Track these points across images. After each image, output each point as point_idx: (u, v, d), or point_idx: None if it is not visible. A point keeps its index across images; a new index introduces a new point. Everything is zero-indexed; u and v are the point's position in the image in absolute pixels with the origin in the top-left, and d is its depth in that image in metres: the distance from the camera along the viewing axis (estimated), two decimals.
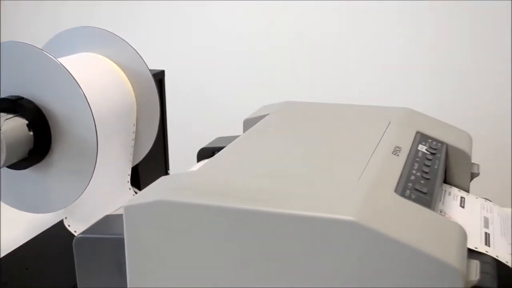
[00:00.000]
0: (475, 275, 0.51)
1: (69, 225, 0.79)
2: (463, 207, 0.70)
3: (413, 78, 1.55)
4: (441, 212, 0.66)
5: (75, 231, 0.79)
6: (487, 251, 0.61)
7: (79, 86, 0.73)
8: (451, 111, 1.49)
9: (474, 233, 0.64)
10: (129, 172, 0.88)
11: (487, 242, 0.63)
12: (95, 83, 0.82)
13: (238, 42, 1.66)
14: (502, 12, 1.45)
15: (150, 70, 0.88)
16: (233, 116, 1.07)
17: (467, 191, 0.76)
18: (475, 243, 0.62)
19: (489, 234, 0.65)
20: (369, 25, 1.55)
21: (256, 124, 0.79)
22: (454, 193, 0.73)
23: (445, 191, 0.73)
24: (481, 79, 1.51)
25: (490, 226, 0.67)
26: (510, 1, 1.44)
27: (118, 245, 0.57)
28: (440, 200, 0.70)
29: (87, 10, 1.73)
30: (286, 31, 1.61)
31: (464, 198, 0.72)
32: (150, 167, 0.95)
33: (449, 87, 1.53)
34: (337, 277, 0.50)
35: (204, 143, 0.83)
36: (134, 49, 0.87)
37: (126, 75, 0.88)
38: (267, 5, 1.60)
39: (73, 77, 0.73)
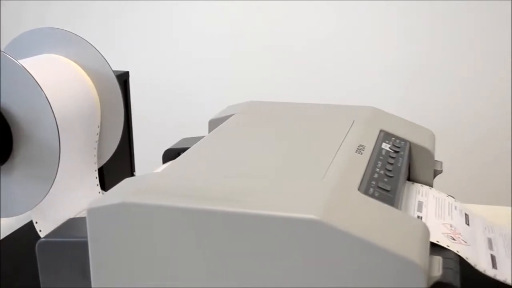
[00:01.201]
0: (437, 271, 0.52)
1: (40, 230, 0.78)
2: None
3: (376, 77, 1.56)
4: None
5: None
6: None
7: (41, 89, 0.72)
8: (414, 109, 1.51)
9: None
10: (96, 174, 0.87)
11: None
12: (58, 85, 0.81)
13: (203, 43, 1.66)
14: (466, 11, 1.47)
15: (114, 72, 0.88)
16: (198, 117, 1.07)
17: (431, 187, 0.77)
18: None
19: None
20: (334, 25, 1.56)
21: (221, 124, 0.78)
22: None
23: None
24: (445, 77, 1.53)
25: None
26: (467, 1, 1.46)
27: (81, 248, 0.56)
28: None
29: (49, 11, 1.71)
30: (251, 32, 1.61)
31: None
32: (115, 169, 0.94)
33: (412, 86, 1.55)
34: (302, 276, 0.50)
35: (171, 144, 0.83)
36: (97, 50, 0.87)
37: (90, 77, 0.87)
38: (233, 6, 1.60)
39: (35, 80, 0.72)
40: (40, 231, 0.78)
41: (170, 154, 0.80)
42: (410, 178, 0.77)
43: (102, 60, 0.87)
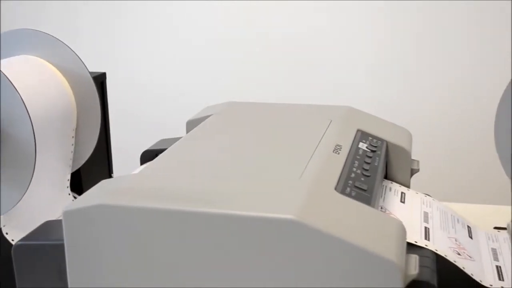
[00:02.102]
0: (414, 269, 0.52)
1: (7, 233, 0.77)
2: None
3: (354, 77, 1.57)
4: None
5: (12, 240, 0.77)
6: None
7: (17, 91, 0.72)
8: (391, 109, 1.52)
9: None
10: (69, 177, 0.86)
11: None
12: (33, 87, 0.80)
13: (180, 44, 1.65)
14: (441, 11, 1.48)
15: (91, 73, 0.87)
16: (177, 118, 1.07)
17: (408, 186, 0.77)
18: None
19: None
20: (312, 25, 1.56)
21: (199, 125, 0.78)
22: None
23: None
24: (421, 77, 1.54)
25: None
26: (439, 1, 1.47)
27: (58, 251, 0.56)
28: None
29: (29, 12, 1.69)
30: (231, 33, 1.61)
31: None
32: (93, 171, 0.94)
33: (389, 85, 1.56)
34: (280, 276, 0.50)
35: (149, 145, 0.82)
36: (73, 51, 0.86)
37: (66, 78, 0.86)
38: (211, 6, 1.60)
39: (10, 81, 0.71)
40: (6, 233, 0.77)
41: (148, 155, 0.80)
42: (387, 177, 0.77)
43: (78, 61, 0.86)
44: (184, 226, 0.52)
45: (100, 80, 0.96)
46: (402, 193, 0.74)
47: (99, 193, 0.56)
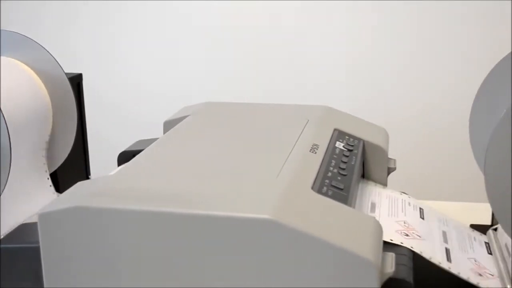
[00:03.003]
0: (390, 267, 0.52)
1: None
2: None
3: (331, 76, 1.57)
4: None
5: None
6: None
7: None
8: (368, 108, 1.52)
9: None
10: (48, 176, 0.86)
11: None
12: (8, 89, 0.80)
13: (157, 44, 1.65)
14: (409, 11, 1.49)
15: (67, 74, 0.87)
16: (154, 118, 1.06)
17: (385, 185, 0.78)
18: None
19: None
20: (289, 24, 1.56)
21: (176, 125, 0.78)
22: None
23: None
24: (398, 77, 1.55)
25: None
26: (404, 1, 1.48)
27: (34, 253, 0.56)
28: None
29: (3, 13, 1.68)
30: (207, 33, 1.61)
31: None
32: (70, 173, 0.93)
33: (366, 84, 1.56)
34: (257, 275, 0.50)
35: (126, 146, 0.82)
36: (49, 52, 0.85)
37: (41, 80, 0.85)
38: (187, 6, 1.60)
39: None
40: None
41: (125, 157, 0.79)
42: (365, 176, 0.78)
43: (54, 62, 0.85)
44: (161, 227, 0.51)
45: (76, 81, 0.96)
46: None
47: (75, 195, 0.56)
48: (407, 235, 0.64)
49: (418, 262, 0.62)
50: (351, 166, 0.68)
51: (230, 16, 1.59)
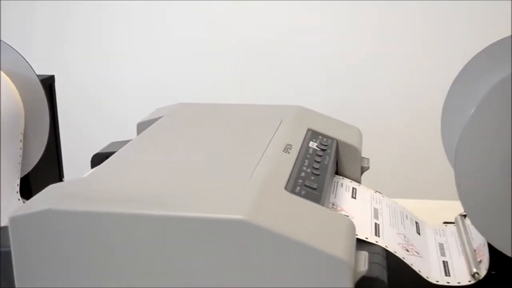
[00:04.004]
0: (363, 266, 0.53)
1: None
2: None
3: (304, 76, 1.58)
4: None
5: None
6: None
7: None
8: (342, 108, 1.53)
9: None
10: (18, 182, 0.85)
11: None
12: None
13: (129, 45, 1.64)
14: (383, 11, 1.50)
15: (38, 76, 0.86)
16: (128, 120, 1.06)
17: (358, 183, 0.78)
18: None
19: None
20: (262, 24, 1.57)
21: (149, 127, 0.78)
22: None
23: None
24: (371, 75, 1.56)
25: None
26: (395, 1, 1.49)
27: (5, 258, 0.55)
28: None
29: None
30: (180, 33, 1.61)
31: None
32: (42, 175, 0.92)
33: (339, 84, 1.57)
34: (231, 276, 0.50)
35: (100, 148, 0.81)
36: (20, 54, 0.85)
37: (12, 82, 0.85)
38: (161, 6, 1.59)
39: None
40: None
41: (99, 159, 0.79)
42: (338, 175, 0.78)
43: (25, 64, 0.85)
44: (134, 229, 0.51)
45: (48, 83, 0.95)
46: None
47: (46, 198, 0.55)
48: (407, 250, 0.65)
49: (393, 260, 0.62)
50: (324, 165, 0.68)
51: (202, 16, 1.59)
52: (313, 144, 0.73)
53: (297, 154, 0.68)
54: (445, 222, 0.80)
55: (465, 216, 0.77)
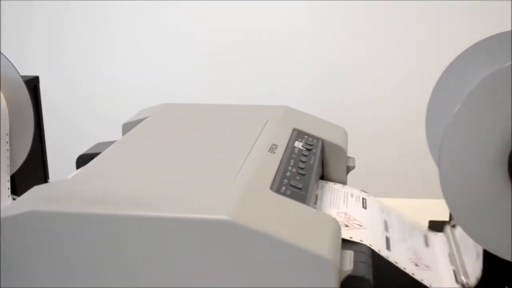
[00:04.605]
0: (349, 265, 0.53)
1: None
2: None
3: (290, 76, 1.58)
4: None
5: None
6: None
7: None
8: (327, 108, 1.53)
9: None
10: (8, 184, 0.84)
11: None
12: None
13: (114, 45, 1.63)
14: (370, 11, 1.51)
15: (23, 77, 0.85)
16: (113, 120, 1.06)
17: (344, 183, 0.78)
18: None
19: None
20: (246, 24, 1.56)
21: (134, 127, 0.78)
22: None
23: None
24: (357, 76, 1.56)
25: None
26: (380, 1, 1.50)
27: None
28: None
29: None
30: (166, 34, 1.60)
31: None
32: (28, 176, 0.92)
33: (325, 84, 1.57)
34: (216, 276, 0.51)
35: (85, 149, 0.81)
36: (3, 55, 0.84)
37: None
38: (143, 7, 1.59)
39: None
40: None
41: (84, 160, 0.78)
42: (324, 175, 0.78)
43: (9, 65, 0.84)
44: (119, 230, 0.51)
45: (32, 84, 0.94)
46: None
47: (31, 199, 0.55)
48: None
49: (378, 259, 0.63)
50: (309, 165, 0.68)
51: (186, 17, 1.59)
52: (298, 144, 0.73)
53: (282, 154, 0.68)
54: (430, 221, 0.80)
55: (454, 226, 0.77)
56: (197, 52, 1.61)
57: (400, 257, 0.64)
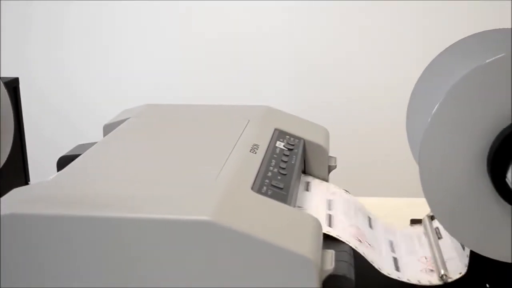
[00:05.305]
0: (330, 264, 0.53)
1: None
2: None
3: (271, 76, 1.58)
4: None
5: None
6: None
7: None
8: (309, 108, 1.53)
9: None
10: None
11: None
12: None
13: (96, 47, 1.63)
14: (350, 10, 1.51)
15: (2, 78, 0.85)
16: (94, 122, 1.05)
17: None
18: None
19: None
20: (227, 24, 1.56)
21: (116, 129, 0.77)
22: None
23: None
24: (339, 76, 1.57)
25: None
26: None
27: None
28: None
29: None
30: (145, 35, 1.60)
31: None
32: (8, 179, 0.91)
33: (306, 84, 1.58)
34: (198, 277, 0.50)
35: (66, 150, 0.81)
36: None
37: None
38: (125, 8, 1.58)
39: None
40: None
41: (65, 161, 0.78)
42: (306, 175, 0.78)
43: None
44: (99, 232, 0.51)
45: (12, 86, 0.94)
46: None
47: (10, 202, 0.55)
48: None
49: (359, 258, 0.63)
50: (291, 165, 0.68)
51: (170, 17, 1.58)
52: (280, 144, 0.73)
53: (264, 154, 0.68)
54: (412, 220, 0.81)
55: (432, 217, 0.78)
56: (180, 53, 1.60)
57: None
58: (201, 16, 1.57)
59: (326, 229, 0.63)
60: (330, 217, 0.67)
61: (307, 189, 0.73)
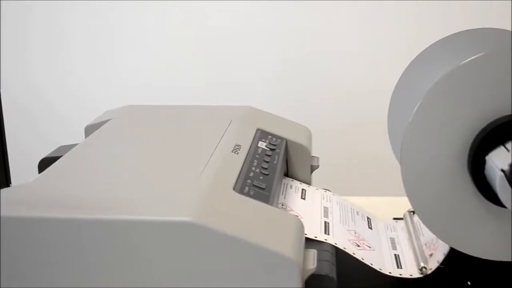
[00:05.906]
0: (312, 264, 0.53)
1: None
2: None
3: (253, 76, 1.58)
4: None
5: None
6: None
7: None
8: (291, 108, 1.53)
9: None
10: None
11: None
12: None
13: (77, 48, 1.62)
14: (333, 8, 1.52)
15: None
16: (75, 123, 1.04)
17: (309, 183, 0.79)
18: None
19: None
20: (207, 24, 1.56)
21: (97, 130, 0.77)
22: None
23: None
24: (321, 75, 1.57)
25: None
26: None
27: None
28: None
29: None
30: (126, 34, 1.59)
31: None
32: None
33: (288, 84, 1.58)
34: (180, 278, 0.50)
35: (48, 152, 0.80)
36: None
37: None
38: (105, 6, 1.57)
39: None
40: None
41: (46, 163, 0.77)
42: (288, 175, 0.78)
43: None
44: (81, 234, 0.51)
45: None
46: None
47: None
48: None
49: (342, 257, 0.63)
50: (273, 165, 0.69)
51: (149, 17, 1.58)
52: (262, 144, 0.73)
53: (246, 155, 0.68)
54: (395, 218, 0.81)
55: (413, 212, 0.78)
56: (159, 53, 1.60)
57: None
58: (181, 17, 1.57)
59: (324, 237, 0.64)
60: (326, 225, 0.67)
61: (302, 197, 0.73)
